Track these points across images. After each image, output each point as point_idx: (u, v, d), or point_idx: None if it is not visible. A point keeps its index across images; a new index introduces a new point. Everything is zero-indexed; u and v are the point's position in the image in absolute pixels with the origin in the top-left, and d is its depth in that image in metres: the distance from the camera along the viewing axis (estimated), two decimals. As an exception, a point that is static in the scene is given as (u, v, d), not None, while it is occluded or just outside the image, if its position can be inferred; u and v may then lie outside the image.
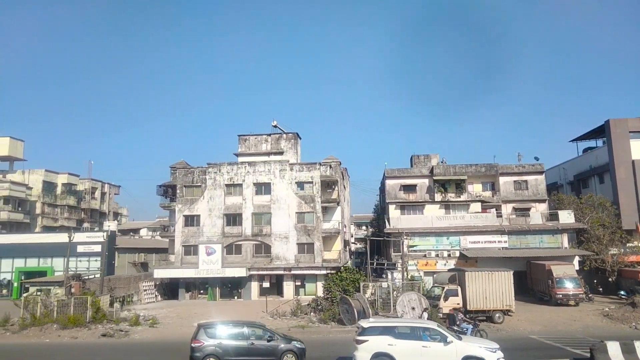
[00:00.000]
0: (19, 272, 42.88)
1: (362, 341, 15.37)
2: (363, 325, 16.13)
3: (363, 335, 15.54)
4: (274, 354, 17.01)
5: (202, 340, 16.77)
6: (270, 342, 17.28)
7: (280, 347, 17.15)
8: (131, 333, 24.53)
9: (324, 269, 40.58)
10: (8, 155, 60.30)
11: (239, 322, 18.90)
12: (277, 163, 42.70)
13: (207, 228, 42.12)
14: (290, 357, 17.02)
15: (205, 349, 16.55)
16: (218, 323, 18.22)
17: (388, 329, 15.94)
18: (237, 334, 17.35)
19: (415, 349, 15.14)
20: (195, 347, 16.57)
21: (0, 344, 22.46)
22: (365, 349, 15.14)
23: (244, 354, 16.86)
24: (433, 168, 49.68)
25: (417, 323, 17.02)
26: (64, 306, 27.45)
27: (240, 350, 16.87)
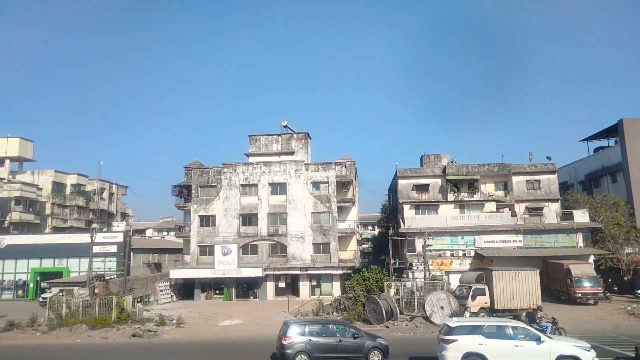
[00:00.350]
0: (35, 272, 42.83)
1: (450, 341, 15.10)
2: (450, 325, 15.88)
3: (451, 335, 15.28)
4: (360, 351, 17.28)
5: (292, 337, 17.07)
6: (356, 339, 17.58)
7: (366, 344, 17.44)
8: (160, 333, 24.51)
9: (340, 269, 40.66)
10: (18, 156, 60.25)
11: (325, 320, 19.54)
12: (292, 163, 42.72)
13: (222, 228, 42.11)
14: (376, 353, 17.26)
15: (296, 346, 16.87)
16: (307, 321, 18.78)
17: (476, 328, 15.62)
18: (325, 331, 17.73)
19: (507, 348, 14.81)
20: (285, 344, 16.89)
21: (33, 344, 22.45)
22: (455, 348, 14.91)
23: (332, 350, 17.19)
24: (446, 168, 49.73)
25: (505, 322, 16.66)
26: (88, 307, 27.48)
27: (328, 347, 17.19)
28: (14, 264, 42.98)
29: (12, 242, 43.38)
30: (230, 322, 28.46)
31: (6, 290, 42.04)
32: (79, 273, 42.28)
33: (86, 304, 27.21)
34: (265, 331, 25.03)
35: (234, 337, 23.75)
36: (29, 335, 24.27)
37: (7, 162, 60.01)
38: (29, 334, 24.38)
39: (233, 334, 24.44)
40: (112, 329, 25.15)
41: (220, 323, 28.14)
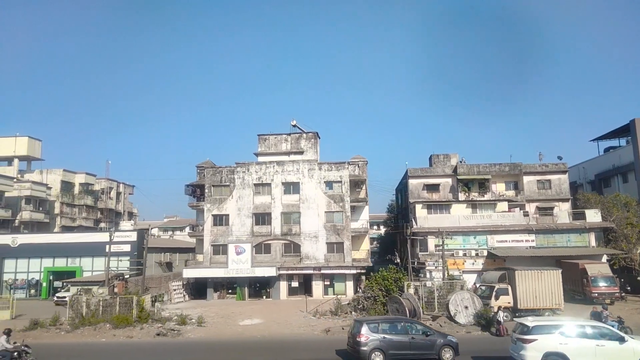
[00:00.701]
0: (48, 272, 42.81)
1: (529, 340, 15.00)
2: (527, 324, 15.74)
3: (530, 334, 15.19)
4: (432, 348, 17.59)
5: (367, 335, 17.33)
6: (428, 336, 17.91)
7: (438, 341, 17.78)
8: (183, 332, 24.51)
9: (353, 269, 40.70)
10: (27, 155, 60.30)
11: (397, 318, 19.91)
12: (305, 162, 42.73)
13: (236, 227, 42.11)
14: (447, 350, 17.57)
15: (371, 343, 17.16)
16: (379, 319, 19.07)
17: (556, 327, 15.48)
18: (398, 329, 18.09)
19: (589, 348, 14.61)
20: (361, 342, 17.17)
21: (60, 343, 22.47)
22: (535, 348, 14.80)
23: (405, 347, 17.50)
24: (457, 167, 49.77)
25: (586, 321, 16.51)
26: (108, 306, 27.49)
27: (402, 345, 17.52)
28: (27, 263, 42.97)
29: (25, 241, 43.35)
30: (251, 321, 28.46)
31: (19, 289, 42.02)
32: (92, 272, 42.31)
33: (106, 303, 27.20)
34: (289, 330, 25.07)
35: (258, 336, 23.74)
36: (54, 334, 24.28)
37: (16, 161, 60.08)
38: (54, 333, 24.38)
39: (257, 333, 24.44)
40: (136, 328, 25.16)
41: (241, 322, 28.15)
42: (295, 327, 26.37)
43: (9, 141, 59.69)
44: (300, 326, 26.51)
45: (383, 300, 28.43)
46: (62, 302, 36.81)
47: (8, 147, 59.46)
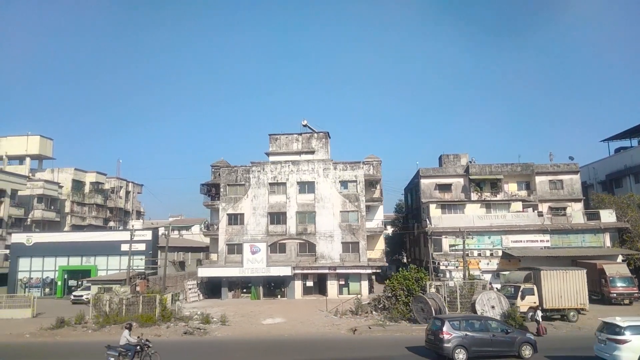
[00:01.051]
0: (63, 270, 42.80)
1: (624, 341, 14.96)
2: (619, 324, 15.67)
3: (622, 335, 15.15)
4: (513, 345, 17.87)
5: (449, 332, 17.67)
6: (508, 334, 18.21)
7: (518, 338, 18.07)
8: (210, 331, 24.51)
9: (369, 268, 40.72)
10: (38, 154, 60.35)
11: (477, 316, 20.19)
12: (320, 162, 42.76)
13: (251, 227, 42.12)
14: (527, 347, 17.81)
15: (454, 340, 17.52)
16: (459, 317, 19.40)
17: None
18: (479, 327, 18.38)
19: None
20: (444, 339, 17.52)
21: (89, 341, 22.45)
22: (630, 349, 14.79)
23: (487, 344, 17.83)
24: (469, 167, 49.80)
25: None
26: (130, 304, 27.52)
27: (484, 342, 17.84)
28: (41, 262, 42.94)
29: (40, 240, 43.34)
30: (273, 320, 28.48)
31: (34, 288, 41.99)
32: (106, 271, 42.33)
33: (129, 302, 27.23)
34: (315, 329, 25.09)
35: (285, 335, 23.73)
36: (81, 332, 24.28)
37: (28, 160, 60.16)
38: (81, 331, 24.39)
39: (283, 333, 24.44)
40: (161, 327, 25.21)
41: (264, 321, 28.16)
42: (319, 326, 26.38)
43: (21, 140, 59.76)
44: (324, 325, 26.53)
45: (405, 300, 28.42)
46: (79, 300, 36.95)
47: (20, 146, 59.53)
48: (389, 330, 23.96)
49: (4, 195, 48.20)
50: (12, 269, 42.62)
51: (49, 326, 24.91)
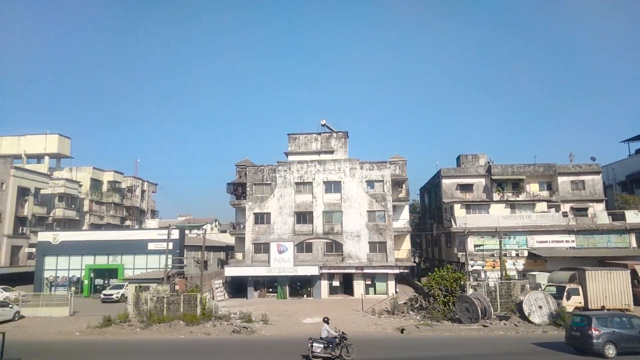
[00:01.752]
0: (90, 269, 42.82)
1: None
2: None
3: None
4: None
5: (598, 329, 18.04)
6: None
7: None
8: (256, 330, 24.52)
9: (396, 268, 40.78)
10: (57, 153, 60.38)
11: (621, 314, 20.42)
12: (347, 162, 42.81)
13: (277, 226, 42.16)
14: None
15: (604, 336, 17.92)
16: (605, 314, 19.70)
17: None
18: (625, 323, 18.62)
19: None
20: (593, 335, 17.91)
21: (141, 339, 22.49)
22: None
23: (634, 340, 18.15)
24: (490, 167, 49.84)
25: None
26: (170, 303, 27.52)
27: (631, 338, 18.16)
28: (67, 261, 42.97)
29: (66, 238, 43.36)
30: (312, 319, 28.49)
31: (60, 287, 42.02)
32: (133, 270, 42.38)
33: (169, 301, 27.26)
34: (360, 329, 25.09)
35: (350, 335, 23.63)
36: (129, 330, 24.30)
37: (47, 158, 60.20)
38: (129, 330, 24.41)
39: (347, 331, 24.28)
40: (206, 326, 25.23)
41: (304, 320, 28.19)
42: (362, 325, 26.40)
43: (40, 139, 59.82)
44: (366, 325, 26.56)
45: (444, 300, 28.47)
46: (109, 299, 37.01)
47: (39, 144, 59.59)
48: (437, 329, 23.96)
49: (28, 194, 48.25)
50: (39, 268, 42.65)
51: (96, 324, 24.93)
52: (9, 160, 47.70)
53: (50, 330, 24.54)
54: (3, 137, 60.81)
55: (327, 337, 17.85)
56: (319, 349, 17.33)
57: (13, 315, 28.40)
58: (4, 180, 45.14)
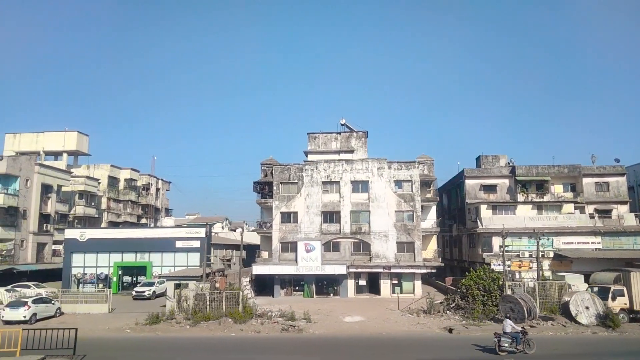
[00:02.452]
0: (118, 266, 42.77)
1: None
2: None
3: None
4: None
5: None
6: None
7: None
8: (304, 328, 24.48)
9: (424, 268, 40.79)
10: (75, 150, 60.24)
11: None
12: (374, 161, 42.79)
13: (304, 225, 42.13)
14: None
15: None
16: None
17: None
18: None
19: None
20: None
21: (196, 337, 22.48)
22: None
23: None
24: (515, 168, 49.88)
25: None
26: (212, 301, 27.52)
27: None
28: (94, 258, 42.92)
29: (93, 236, 43.33)
30: (352, 318, 28.52)
31: (88, 284, 41.97)
32: (161, 268, 42.38)
33: (211, 298, 27.26)
34: (406, 328, 25.19)
35: (383, 333, 23.75)
36: (179, 328, 24.27)
37: (65, 155, 60.05)
38: (178, 327, 24.39)
39: (378, 330, 24.42)
40: (253, 323, 25.21)
41: (344, 319, 28.18)
42: (404, 325, 26.42)
43: (59, 136, 59.70)
44: (409, 324, 26.59)
45: (482, 300, 28.49)
46: (141, 296, 37.00)
47: (57, 141, 59.47)
48: (486, 329, 23.93)
49: (51, 191, 48.18)
50: (66, 265, 42.60)
51: (143, 322, 24.90)
52: (33, 157, 47.66)
53: (98, 327, 24.51)
54: (22, 134, 60.73)
55: (511, 332, 19.17)
56: (507, 343, 18.71)
57: (55, 312, 28.39)
58: (29, 177, 45.07)
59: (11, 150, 58.58)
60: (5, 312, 25.94)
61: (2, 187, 42.25)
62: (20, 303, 26.40)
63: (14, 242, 42.06)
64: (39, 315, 26.90)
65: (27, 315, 25.93)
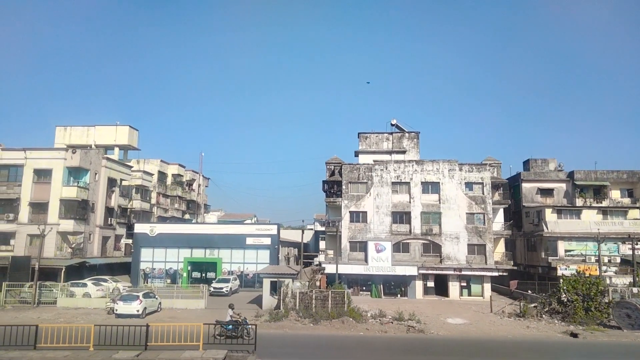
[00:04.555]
0: (188, 262, 42.89)
1: None
2: None
3: None
4: None
5: None
6: None
7: None
8: (425, 330, 24.58)
9: (495, 271, 40.88)
10: (127, 144, 60.23)
11: None
12: (445, 162, 42.84)
13: (374, 225, 42.23)
14: None
15: None
16: None
17: None
18: None
19: None
20: None
21: (327, 334, 22.65)
22: None
23: None
24: (573, 173, 49.98)
25: None
26: (316, 299, 27.61)
27: None
28: (163, 253, 43.09)
29: (163, 231, 43.49)
30: (453, 320, 28.61)
31: (156, 279, 42.15)
32: (230, 264, 42.53)
33: (320, 297, 27.37)
34: (518, 332, 25.25)
35: (509, 336, 23.80)
36: (302, 325, 24.37)
37: (116, 149, 60.08)
38: (302, 325, 24.50)
39: (499, 334, 24.43)
40: (372, 323, 25.33)
41: (447, 320, 28.28)
42: (517, 328, 26.48)
43: (110, 130, 59.71)
44: (520, 328, 26.68)
45: (582, 305, 28.59)
46: (219, 292, 37.10)
47: (109, 135, 59.45)
48: (612, 335, 24.00)
49: (115, 185, 48.32)
50: (135, 259, 42.76)
51: (266, 319, 25.05)
52: (101, 151, 47.81)
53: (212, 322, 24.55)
54: (72, 127, 60.78)
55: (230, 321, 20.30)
56: None
57: (157, 307, 28.55)
58: (97, 171, 45.20)
59: (62, 143, 58.56)
60: (119, 305, 26.14)
61: (74, 180, 42.40)
62: (133, 297, 26.58)
63: (83, 235, 42.19)
64: (148, 310, 27.08)
65: (140, 309, 26.11)
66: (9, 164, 42.38)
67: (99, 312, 27.91)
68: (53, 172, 41.64)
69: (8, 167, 42.39)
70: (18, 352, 15.25)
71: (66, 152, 42.73)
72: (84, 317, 26.37)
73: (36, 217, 41.60)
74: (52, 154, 42.96)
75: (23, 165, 42.00)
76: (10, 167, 42.38)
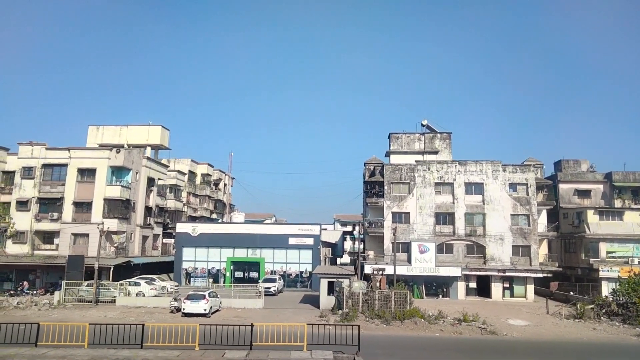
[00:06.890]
0: (231, 262, 42.92)
1: None
2: None
3: None
4: None
5: None
6: None
7: None
8: (497, 332, 24.49)
9: (541, 272, 40.71)
10: (159, 144, 60.30)
11: None
12: (489, 163, 42.68)
13: (417, 226, 42.13)
14: None
15: None
16: None
17: None
18: None
19: None
20: None
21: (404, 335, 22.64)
22: None
23: None
24: (611, 174, 49.68)
25: None
26: (380, 300, 27.58)
27: None
28: (205, 252, 43.18)
29: (205, 230, 43.59)
30: (514, 322, 28.49)
31: (199, 278, 42.22)
32: (272, 264, 42.55)
33: (381, 297, 27.33)
34: (584, 335, 25.07)
35: (584, 339, 23.65)
36: (375, 327, 24.34)
37: (148, 149, 60.17)
38: (374, 325, 24.50)
39: (569, 336, 24.35)
40: (443, 324, 25.25)
41: (509, 322, 28.16)
42: (583, 330, 26.40)
43: (142, 129, 59.73)
44: (586, 330, 26.56)
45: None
46: (267, 292, 37.04)
47: (141, 135, 59.48)
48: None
49: (153, 185, 48.47)
50: (177, 258, 42.87)
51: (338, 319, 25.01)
52: (142, 151, 47.96)
53: (278, 321, 24.40)
54: (105, 127, 60.93)
55: None
56: None
57: (219, 306, 28.60)
58: (138, 170, 45.37)
59: (94, 142, 58.70)
60: (187, 304, 26.20)
61: (116, 180, 42.57)
62: (200, 296, 26.62)
63: (125, 234, 42.33)
64: (212, 309, 27.14)
65: (207, 308, 26.17)
66: (53, 164, 42.63)
67: (160, 311, 27.98)
68: (97, 171, 41.82)
69: (52, 166, 42.62)
70: (128, 351, 15.29)
71: (110, 151, 42.90)
72: (149, 315, 26.45)
73: (80, 216, 41.82)
74: (96, 153, 43.16)
75: (67, 165, 42.23)
76: (54, 167, 42.62)
